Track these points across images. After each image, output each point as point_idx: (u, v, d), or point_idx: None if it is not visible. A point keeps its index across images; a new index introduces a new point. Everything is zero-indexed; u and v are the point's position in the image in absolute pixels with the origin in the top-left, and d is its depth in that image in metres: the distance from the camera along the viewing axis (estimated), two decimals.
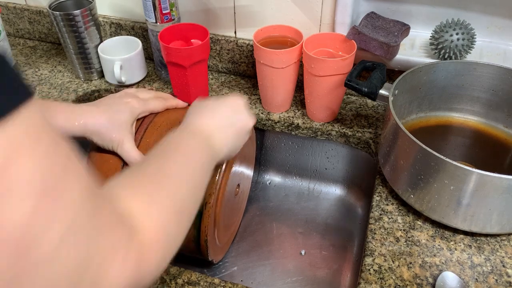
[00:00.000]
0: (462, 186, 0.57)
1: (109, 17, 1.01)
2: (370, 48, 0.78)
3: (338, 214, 0.89)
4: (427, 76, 0.73)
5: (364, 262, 0.62)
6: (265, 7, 0.87)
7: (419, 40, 0.83)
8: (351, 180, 0.91)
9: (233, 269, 0.79)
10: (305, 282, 0.77)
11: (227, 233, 0.76)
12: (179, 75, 0.83)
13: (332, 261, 0.80)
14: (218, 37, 0.94)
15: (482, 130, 0.77)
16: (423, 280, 0.59)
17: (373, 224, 0.67)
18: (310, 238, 0.84)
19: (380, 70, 0.71)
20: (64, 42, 0.91)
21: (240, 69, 0.98)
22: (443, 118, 0.79)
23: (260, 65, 0.80)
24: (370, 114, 0.87)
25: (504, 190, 0.56)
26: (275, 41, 0.82)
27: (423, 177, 0.61)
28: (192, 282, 0.62)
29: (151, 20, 0.86)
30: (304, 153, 0.91)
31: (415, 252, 0.63)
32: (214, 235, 0.67)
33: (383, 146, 0.71)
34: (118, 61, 0.90)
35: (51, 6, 0.89)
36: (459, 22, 0.75)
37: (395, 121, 0.63)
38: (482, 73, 0.73)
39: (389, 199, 0.70)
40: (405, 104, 0.75)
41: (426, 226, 0.66)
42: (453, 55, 0.76)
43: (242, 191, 0.80)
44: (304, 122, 0.86)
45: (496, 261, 0.61)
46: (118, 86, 0.95)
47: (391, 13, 0.82)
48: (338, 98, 0.82)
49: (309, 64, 0.76)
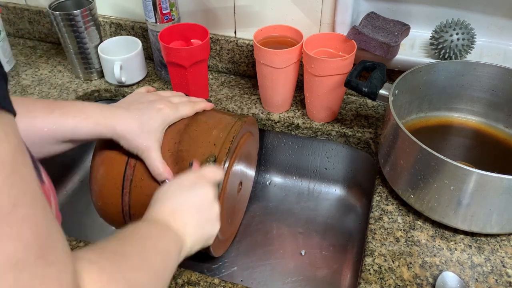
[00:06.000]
0: (462, 186, 0.57)
1: (109, 17, 1.01)
2: (370, 48, 0.78)
3: (338, 214, 0.89)
4: (427, 76, 0.73)
5: (364, 262, 0.62)
6: (265, 7, 0.87)
7: (419, 40, 0.83)
8: (351, 180, 0.91)
9: (233, 269, 0.79)
10: (305, 282, 0.77)
11: (229, 228, 0.77)
12: (179, 75, 0.83)
13: (332, 261, 0.80)
14: (218, 37, 0.94)
15: (482, 130, 0.77)
16: (423, 280, 0.59)
17: (373, 224, 0.67)
18: (310, 238, 0.84)
19: (380, 70, 0.71)
20: (64, 42, 0.91)
21: (240, 69, 0.98)
22: (443, 118, 0.79)
23: (260, 65, 0.80)
24: (370, 114, 0.87)
25: (504, 190, 0.56)
26: (275, 41, 0.82)
27: (423, 177, 0.61)
28: (192, 282, 0.62)
29: (151, 20, 0.86)
30: (304, 153, 0.91)
31: (415, 252, 0.63)
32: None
33: (383, 146, 0.71)
34: (118, 61, 0.90)
35: (51, 6, 0.89)
36: (459, 22, 0.75)
37: (395, 121, 0.63)
38: (482, 73, 0.73)
39: (389, 199, 0.70)
40: (405, 104, 0.75)
41: (426, 226, 0.66)
42: (453, 55, 0.76)
43: (244, 190, 0.80)
44: (304, 122, 0.86)
45: (496, 261, 0.61)
46: (118, 86, 0.95)
47: (391, 13, 0.82)
48: (338, 98, 0.82)
49: (309, 64, 0.76)
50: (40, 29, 1.09)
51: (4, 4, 1.07)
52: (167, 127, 0.63)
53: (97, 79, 0.98)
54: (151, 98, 0.64)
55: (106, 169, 0.63)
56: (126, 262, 0.39)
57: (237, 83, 0.97)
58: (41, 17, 1.07)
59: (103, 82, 0.97)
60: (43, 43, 1.11)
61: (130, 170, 0.63)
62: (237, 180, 0.73)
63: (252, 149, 0.79)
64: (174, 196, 0.52)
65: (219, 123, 0.66)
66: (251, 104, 0.90)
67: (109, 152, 0.63)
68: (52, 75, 0.99)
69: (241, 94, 0.93)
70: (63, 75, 0.99)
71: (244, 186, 0.79)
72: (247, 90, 0.94)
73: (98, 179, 0.64)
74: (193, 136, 0.64)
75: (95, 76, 0.97)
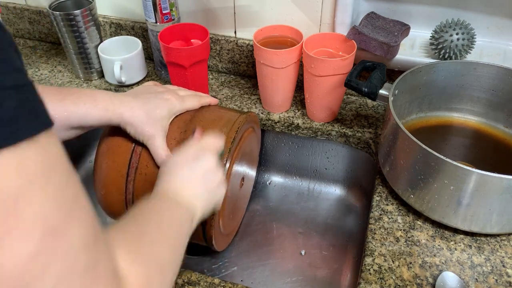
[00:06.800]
0: (462, 186, 0.57)
1: (109, 17, 1.01)
2: (370, 48, 0.78)
3: (338, 214, 0.89)
4: (427, 76, 0.73)
5: (364, 262, 0.62)
6: (265, 7, 0.87)
7: (419, 40, 0.83)
8: (351, 180, 0.91)
9: (233, 269, 0.79)
10: (305, 282, 0.77)
11: (231, 223, 0.77)
12: (179, 75, 0.84)
13: (332, 261, 0.80)
14: (218, 37, 0.94)
15: (482, 130, 0.77)
16: (423, 280, 0.59)
17: (373, 224, 0.67)
18: (310, 238, 0.84)
19: (380, 70, 0.71)
20: (64, 42, 0.91)
21: (240, 69, 0.98)
22: (443, 118, 0.79)
23: (260, 65, 0.80)
24: (370, 114, 0.87)
25: (504, 190, 0.56)
26: (275, 41, 0.82)
27: (423, 177, 0.61)
28: (192, 282, 0.62)
29: (151, 20, 0.86)
30: (304, 153, 0.91)
31: (415, 252, 0.63)
32: (219, 221, 0.68)
33: (383, 146, 0.71)
34: (118, 61, 0.90)
35: (51, 6, 0.89)
36: (459, 22, 0.75)
37: (395, 121, 0.63)
38: (482, 73, 0.73)
39: (389, 199, 0.70)
40: (405, 104, 0.75)
41: (426, 226, 0.66)
42: (453, 55, 0.76)
43: (245, 187, 0.80)
44: (304, 122, 0.86)
45: (496, 261, 0.61)
46: (118, 86, 0.95)
47: (391, 13, 0.82)
48: (338, 98, 0.82)
49: (309, 64, 0.76)
50: (40, 29, 1.09)
51: (4, 4, 1.07)
52: (173, 118, 0.65)
53: (97, 79, 0.98)
54: (158, 90, 0.66)
55: (112, 156, 0.64)
56: (147, 237, 0.42)
57: (237, 83, 0.97)
58: (41, 17, 1.07)
59: (103, 82, 0.97)
60: (43, 43, 1.11)
61: (136, 157, 0.63)
62: (240, 176, 0.74)
63: (253, 147, 0.80)
64: (180, 169, 0.55)
65: (224, 116, 0.67)
66: (251, 104, 0.90)
67: (115, 140, 0.64)
68: (52, 75, 0.99)
69: (241, 94, 0.93)
70: (63, 75, 0.99)
71: (245, 183, 0.80)
72: (247, 90, 0.94)
73: (103, 167, 0.65)
74: (199, 126, 0.65)
75: (95, 76, 0.97)
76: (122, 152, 0.64)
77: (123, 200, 0.65)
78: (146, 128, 0.61)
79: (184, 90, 0.70)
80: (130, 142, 0.63)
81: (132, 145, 0.63)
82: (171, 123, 0.64)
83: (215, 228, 0.66)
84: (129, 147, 0.63)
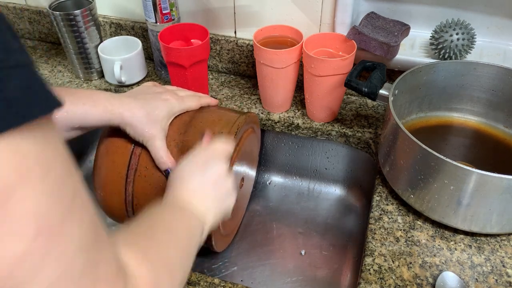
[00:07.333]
0: (462, 186, 0.57)
1: (109, 17, 1.01)
2: (370, 48, 0.78)
3: (338, 214, 0.89)
4: (427, 76, 0.73)
5: (364, 262, 0.62)
6: (265, 7, 0.87)
7: (419, 40, 0.83)
8: (351, 180, 0.91)
9: (233, 269, 0.79)
10: (305, 282, 0.77)
11: (231, 224, 0.77)
12: (179, 75, 0.83)
13: (332, 261, 0.80)
14: (218, 37, 0.94)
15: (482, 130, 0.77)
16: (423, 280, 0.59)
17: (373, 224, 0.67)
18: (310, 238, 0.84)
19: (380, 70, 0.71)
20: (64, 42, 0.91)
21: (240, 69, 0.98)
22: (443, 118, 0.79)
23: (260, 65, 0.80)
24: (370, 114, 0.87)
25: (504, 190, 0.56)
26: (275, 41, 0.82)
27: (423, 177, 0.61)
28: (192, 282, 0.62)
29: (151, 20, 0.86)
30: (304, 153, 0.91)
31: (415, 252, 0.63)
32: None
33: (383, 146, 0.71)
34: (118, 61, 0.90)
35: (51, 6, 0.89)
36: (459, 22, 0.75)
37: (395, 121, 0.63)
38: (482, 73, 0.73)
39: (389, 199, 0.70)
40: (405, 104, 0.75)
41: (426, 226, 0.66)
42: (453, 55, 0.76)
43: (245, 187, 0.80)
44: (304, 122, 0.86)
45: (496, 261, 0.61)
46: (118, 86, 0.95)
47: (391, 13, 0.82)
48: (338, 98, 0.82)
49: (309, 64, 0.76)
50: (40, 29, 1.09)
51: (4, 4, 1.07)
52: (173, 118, 0.65)
53: (97, 79, 0.98)
54: (157, 90, 0.66)
55: (111, 157, 0.64)
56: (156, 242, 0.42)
57: (237, 83, 0.97)
58: (41, 17, 1.07)
59: (103, 82, 0.97)
60: (43, 43, 1.11)
61: (135, 159, 0.63)
62: (239, 176, 0.74)
63: (253, 147, 0.80)
64: (190, 176, 0.55)
65: (223, 117, 0.67)
66: (251, 104, 0.90)
67: (114, 141, 0.64)
68: (52, 75, 0.99)
69: (241, 94, 0.93)
70: (63, 75, 0.99)
71: (245, 183, 0.80)
72: (247, 90, 0.94)
73: (102, 169, 0.65)
74: (199, 127, 0.65)
75: (95, 76, 0.97)
76: (121, 153, 0.64)
77: (123, 201, 0.65)
78: (145, 128, 0.60)
79: (183, 90, 0.70)
80: (130, 143, 0.63)
81: (131, 146, 0.63)
82: (171, 124, 0.64)
83: (215, 229, 0.66)
84: (128, 148, 0.63)
